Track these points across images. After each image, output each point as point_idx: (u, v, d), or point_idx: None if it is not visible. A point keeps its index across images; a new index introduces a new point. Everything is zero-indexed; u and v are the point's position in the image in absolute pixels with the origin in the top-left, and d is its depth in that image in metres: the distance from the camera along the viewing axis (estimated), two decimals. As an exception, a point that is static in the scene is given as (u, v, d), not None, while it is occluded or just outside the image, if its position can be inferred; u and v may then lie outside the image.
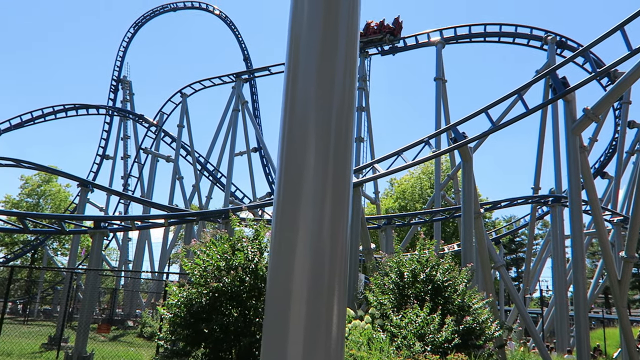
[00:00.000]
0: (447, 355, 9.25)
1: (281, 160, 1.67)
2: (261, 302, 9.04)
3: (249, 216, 10.51)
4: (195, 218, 22.01)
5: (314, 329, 1.55)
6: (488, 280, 18.71)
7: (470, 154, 18.14)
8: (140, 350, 17.53)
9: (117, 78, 46.58)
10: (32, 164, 30.53)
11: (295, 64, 1.70)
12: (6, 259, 45.50)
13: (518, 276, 54.37)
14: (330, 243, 1.60)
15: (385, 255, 13.75)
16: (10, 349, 16.96)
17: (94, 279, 17.46)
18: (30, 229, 20.29)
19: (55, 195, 54.14)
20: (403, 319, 10.16)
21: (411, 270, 11.79)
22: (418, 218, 28.74)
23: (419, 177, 49.24)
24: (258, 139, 40.47)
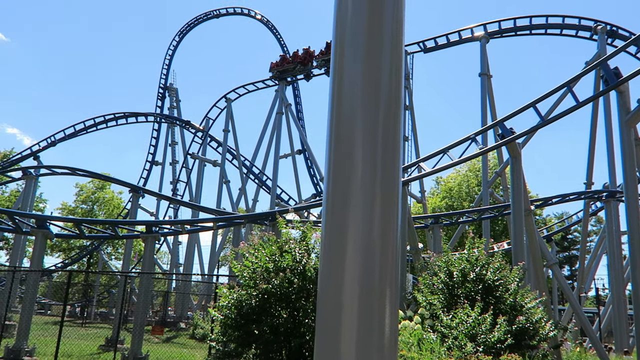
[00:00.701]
0: (500, 355, 9.07)
1: (329, 161, 1.68)
2: (310, 303, 9.08)
3: (295, 218, 10.59)
4: (242, 221, 22.32)
5: (367, 329, 1.55)
6: (540, 279, 18.23)
7: (518, 150, 17.72)
8: (193, 352, 17.89)
9: (164, 86, 47.75)
10: (87, 172, 31.62)
11: (341, 65, 1.70)
12: (64, 264, 47.27)
13: (572, 274, 52.71)
14: (381, 243, 1.60)
15: (433, 255, 13.59)
16: (70, 350, 17.61)
17: (147, 282, 17.93)
18: (85, 235, 21.02)
19: (109, 201, 55.92)
20: (453, 319, 10.02)
21: (460, 269, 11.61)
22: (466, 216, 28.27)
23: (465, 174, 48.42)
24: (302, 141, 40.67)
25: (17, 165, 36.95)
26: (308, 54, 37.97)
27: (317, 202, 27.64)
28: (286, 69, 38.40)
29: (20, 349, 15.76)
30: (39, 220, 18.05)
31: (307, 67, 37.85)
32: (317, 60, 37.87)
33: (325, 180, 1.70)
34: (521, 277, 12.32)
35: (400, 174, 1.70)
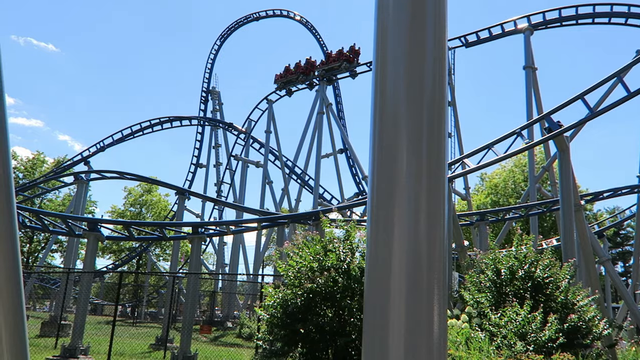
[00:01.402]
0: (551, 355, 8.84)
1: (373, 159, 1.67)
2: (355, 302, 9.07)
3: (339, 217, 10.60)
4: (286, 221, 22.49)
5: (415, 328, 1.54)
6: (593, 276, 17.67)
7: (566, 144, 17.23)
8: (241, 351, 18.14)
9: (206, 89, 48.58)
10: (134, 176, 32.48)
11: (383, 62, 1.69)
12: (115, 265, 48.71)
13: (625, 271, 50.89)
14: (427, 241, 1.58)
15: (479, 253, 13.36)
16: (122, 349, 18.12)
17: (194, 282, 18.28)
18: (135, 237, 21.60)
19: (156, 204, 57.31)
20: (502, 318, 9.83)
21: (508, 267, 11.38)
22: (512, 213, 27.66)
23: (511, 170, 47.37)
24: (344, 140, 40.65)
25: (69, 171, 38.27)
26: (309, 64, 39.53)
27: (360, 201, 27.57)
28: (289, 79, 39.96)
29: (76, 347, 16.32)
30: (91, 223, 18.65)
31: (309, 76, 39.34)
32: (318, 70, 39.20)
33: (369, 178, 1.69)
34: (572, 275, 11.98)
35: (446, 170, 1.68)
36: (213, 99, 49.26)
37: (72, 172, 34.26)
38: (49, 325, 23.78)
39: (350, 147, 39.96)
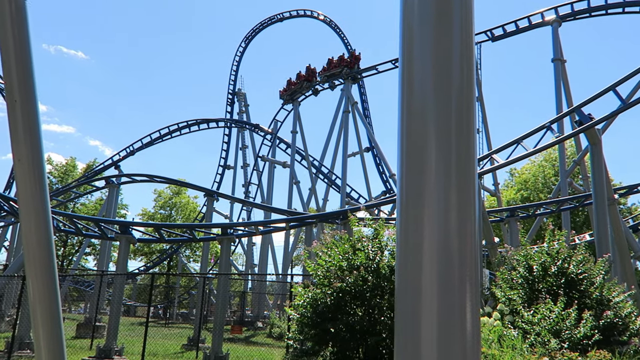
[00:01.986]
0: (587, 352, 8.67)
1: (402, 157, 1.66)
2: (385, 301, 9.04)
3: (367, 216, 10.57)
4: (314, 220, 22.53)
5: (448, 326, 1.52)
6: (628, 271, 17.27)
7: (598, 137, 16.87)
8: (271, 350, 18.24)
9: (232, 91, 48.98)
10: (163, 178, 32.92)
11: (410, 59, 1.68)
12: (146, 267, 49.46)
13: (663, 266, 49.53)
14: (458, 238, 1.56)
15: (510, 249, 13.18)
16: (155, 349, 18.40)
17: (224, 283, 18.44)
18: (165, 239, 21.90)
19: (185, 206, 57.99)
20: (535, 315, 9.68)
21: (541, 263, 11.21)
22: (543, 208, 27.19)
23: (541, 165, 46.56)
24: (370, 139, 40.52)
25: (100, 175, 39.03)
26: (310, 71, 40.33)
27: (388, 199, 27.46)
28: (294, 90, 40.56)
29: (111, 348, 16.63)
30: (123, 226, 18.97)
31: (312, 82, 40.13)
32: (321, 76, 39.99)
33: (398, 176, 1.68)
34: (607, 270, 11.74)
35: (476, 165, 1.66)
36: (239, 100, 49.63)
37: (103, 177, 34.90)
38: (84, 327, 24.27)
39: (377, 145, 39.82)
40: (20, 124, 3.88)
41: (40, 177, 4.12)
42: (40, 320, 4.30)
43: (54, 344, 4.35)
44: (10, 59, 3.69)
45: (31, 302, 4.45)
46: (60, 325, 4.50)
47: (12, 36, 3.63)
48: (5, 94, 4.06)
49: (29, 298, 4.45)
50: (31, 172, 4.08)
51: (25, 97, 3.82)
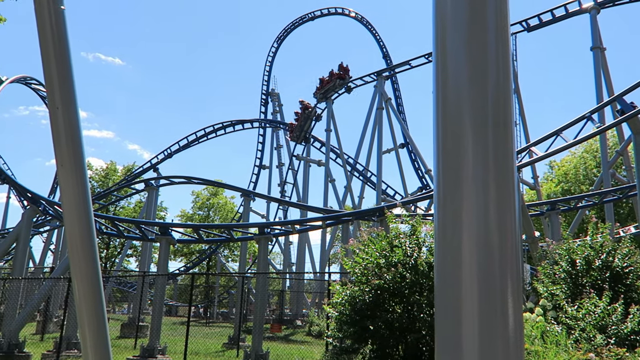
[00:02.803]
0: (635, 348, 8.41)
1: (438, 152, 1.64)
2: (424, 298, 8.97)
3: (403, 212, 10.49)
4: (350, 218, 22.47)
5: (490, 323, 1.50)
6: (677, 264, 16.67)
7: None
8: (311, 348, 18.31)
9: (266, 92, 49.30)
10: (201, 180, 33.39)
11: (443, 52, 1.66)
12: (186, 267, 50.29)
13: None
14: (499, 233, 1.53)
15: (552, 243, 12.88)
16: (197, 348, 18.69)
17: (263, 282, 18.60)
18: (204, 239, 22.22)
19: (223, 206, 58.72)
20: (579, 310, 9.44)
21: (584, 257, 10.93)
22: (585, 201, 26.49)
23: (581, 156, 45.34)
24: (404, 135, 40.22)
25: (139, 178, 39.82)
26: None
27: (424, 195, 27.20)
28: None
29: (154, 347, 16.97)
30: (162, 227, 19.32)
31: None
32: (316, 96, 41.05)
33: (434, 171, 1.66)
34: (654, 263, 11.36)
35: (514, 157, 1.63)
36: (273, 100, 49.93)
37: (142, 179, 35.59)
38: (128, 327, 24.85)
39: (412, 141, 39.50)
40: (62, 130, 3.99)
41: (82, 181, 4.24)
42: (86, 320, 4.42)
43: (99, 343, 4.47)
44: (51, 68, 3.80)
45: (77, 304, 4.58)
46: (105, 326, 4.62)
47: (52, 45, 3.73)
48: (48, 102, 4.18)
49: (75, 299, 4.58)
50: (74, 177, 4.19)
51: (67, 104, 3.92)
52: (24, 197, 23.78)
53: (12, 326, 16.75)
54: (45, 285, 19.50)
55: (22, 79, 32.80)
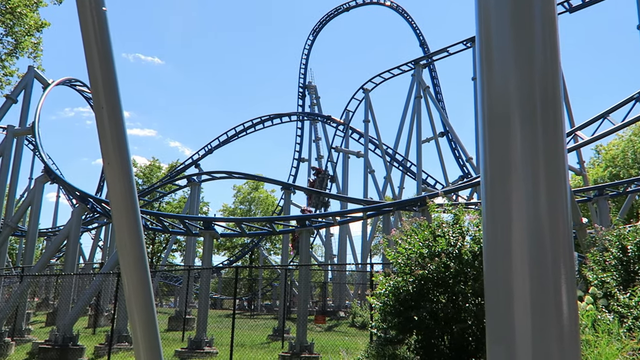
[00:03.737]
0: (691, 336, 8.09)
1: (484, 138, 1.60)
2: (469, 287, 8.85)
3: (445, 201, 10.36)
4: (391, 208, 22.34)
5: (542, 312, 1.46)
6: None
7: (695, 105, 15.65)
8: (355, 339, 18.36)
9: (303, 85, 49.39)
10: (242, 174, 33.76)
11: (488, 34, 1.61)
12: (229, 261, 51.06)
13: None
14: (549, 220, 1.49)
15: (601, 229, 12.52)
16: (243, 340, 18.99)
17: (305, 274, 18.72)
18: (246, 233, 22.50)
19: (263, 200, 59.31)
20: (632, 298, 9.14)
21: (636, 243, 10.57)
22: (635, 185, 25.61)
23: (630, 139, 43.79)
24: (444, 123, 39.66)
25: (182, 174, 40.59)
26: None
27: (466, 184, 26.81)
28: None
29: (201, 339, 17.33)
30: (206, 222, 19.65)
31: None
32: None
33: (481, 156, 1.62)
34: None
35: (564, 140, 1.58)
36: (310, 93, 49.99)
37: (184, 175, 36.27)
38: (175, 320, 25.43)
39: (452, 130, 38.92)
40: (107, 129, 4.10)
41: (128, 178, 4.34)
42: (136, 314, 4.53)
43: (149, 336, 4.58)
44: (95, 68, 3.90)
45: (127, 298, 4.71)
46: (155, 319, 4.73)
47: (95, 46, 3.82)
48: (93, 102, 4.29)
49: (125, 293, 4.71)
50: (120, 175, 4.30)
51: (111, 104, 4.02)
52: (73, 196, 24.57)
53: (66, 320, 17.38)
54: (96, 280, 20.14)
55: (68, 81, 33.77)
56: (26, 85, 26.33)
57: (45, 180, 24.35)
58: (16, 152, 25.96)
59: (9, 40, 18.75)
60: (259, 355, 16.84)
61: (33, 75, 26.76)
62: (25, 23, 18.22)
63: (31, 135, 27.43)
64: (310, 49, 49.60)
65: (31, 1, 17.99)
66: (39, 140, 26.89)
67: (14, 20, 17.96)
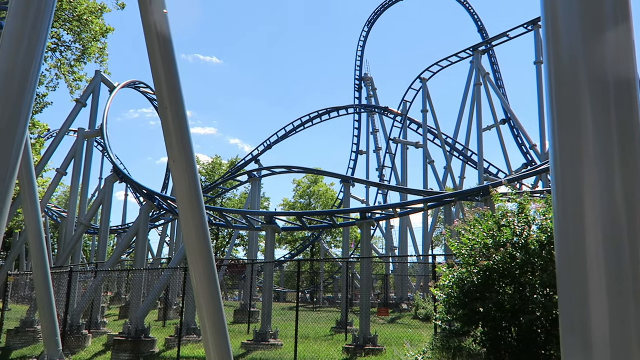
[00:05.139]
0: None
1: (553, 124, 1.54)
2: (537, 278, 8.59)
3: (509, 190, 10.10)
4: (453, 199, 21.95)
5: (621, 303, 1.40)
6: None
7: None
8: (419, 332, 18.20)
9: (359, 77, 49.18)
10: (301, 168, 34.04)
11: (554, 15, 1.55)
12: (291, 254, 51.70)
13: None
14: (626, 208, 1.42)
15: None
16: (307, 332, 19.21)
17: (367, 266, 18.70)
18: (307, 226, 22.70)
19: (323, 193, 59.60)
20: None
21: None
22: None
23: None
24: (505, 110, 38.54)
25: (242, 170, 41.35)
26: None
27: (531, 172, 25.97)
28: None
29: (266, 332, 17.66)
30: (267, 217, 19.96)
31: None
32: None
33: (550, 142, 1.57)
34: None
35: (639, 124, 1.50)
36: (366, 85, 49.73)
37: (245, 171, 36.90)
38: (240, 313, 26.02)
39: (514, 116, 37.77)
40: (172, 128, 4.23)
41: (193, 176, 4.47)
42: (204, 307, 4.67)
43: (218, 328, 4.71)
44: (159, 69, 4.03)
45: (195, 291, 4.86)
46: (222, 311, 4.86)
47: (158, 48, 3.95)
48: (158, 103, 4.43)
49: (193, 287, 4.85)
50: (185, 172, 4.43)
51: (175, 104, 4.15)
52: (140, 194, 25.50)
53: (138, 314, 18.11)
54: (164, 275, 20.86)
55: (132, 83, 35.05)
56: (94, 89, 27.49)
57: (115, 179, 25.38)
58: (87, 154, 27.17)
59: (77, 46, 19.64)
60: (323, 348, 16.99)
61: (100, 79, 27.89)
62: (92, 29, 19.02)
63: (100, 137, 28.64)
64: (366, 41, 49.31)
65: (96, 8, 18.75)
66: (108, 141, 28.06)
67: (81, 27, 18.78)
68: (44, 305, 11.84)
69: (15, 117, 3.27)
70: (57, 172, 27.37)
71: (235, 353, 16.94)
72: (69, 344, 18.28)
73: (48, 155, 26.70)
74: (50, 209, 39.72)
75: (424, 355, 10.14)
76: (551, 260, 8.34)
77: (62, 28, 19.10)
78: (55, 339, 11.97)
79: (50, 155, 26.88)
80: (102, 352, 18.30)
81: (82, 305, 21.18)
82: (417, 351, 10.84)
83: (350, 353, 15.87)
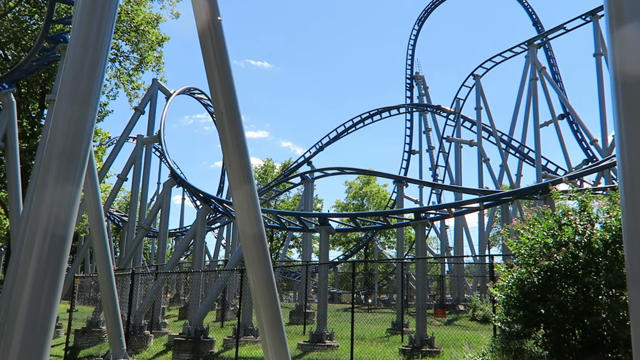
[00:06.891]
0: None
1: (619, 119, 1.49)
2: (601, 278, 8.27)
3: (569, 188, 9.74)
4: (510, 197, 21.41)
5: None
6: None
7: None
8: (477, 333, 17.85)
9: (410, 76, 48.72)
10: (353, 169, 34.00)
11: (618, 4, 1.50)
12: (345, 256, 51.71)
13: None
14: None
15: None
16: (362, 333, 19.17)
17: (422, 267, 18.48)
18: (361, 227, 22.66)
19: (376, 194, 59.39)
20: None
21: None
22: None
23: None
24: (564, 105, 37.28)
25: (295, 172, 41.69)
26: None
27: (592, 168, 25.04)
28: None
29: (322, 333, 17.73)
30: (321, 218, 20.05)
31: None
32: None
33: (616, 138, 1.52)
34: None
35: None
36: (418, 84, 49.22)
37: (298, 173, 37.18)
38: (296, 314, 26.23)
39: (573, 111, 36.50)
40: (227, 133, 4.32)
41: (249, 179, 4.55)
42: (261, 307, 4.74)
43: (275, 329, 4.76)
44: (214, 77, 4.13)
45: (253, 292, 4.94)
46: (279, 312, 4.92)
47: (213, 54, 4.05)
48: (214, 109, 4.54)
49: (250, 288, 4.93)
50: (241, 175, 4.51)
51: (230, 109, 4.24)
52: (197, 198, 26.13)
53: (196, 315, 18.55)
54: (221, 277, 21.29)
55: (187, 90, 35.95)
56: (151, 97, 28.35)
57: (172, 184, 26.10)
58: (146, 159, 28.08)
59: (134, 56, 20.36)
60: (379, 349, 16.91)
61: (157, 87, 28.74)
62: (148, 39, 19.67)
63: (158, 142, 29.52)
64: (416, 39, 48.81)
65: (152, 18, 19.37)
66: (165, 147, 28.89)
67: (138, 37, 19.46)
68: (108, 306, 12.33)
69: (81, 125, 3.42)
70: (118, 178, 28.38)
71: (291, 354, 17.08)
72: (132, 343, 18.91)
73: (109, 161, 27.76)
74: (112, 213, 41.20)
75: (484, 357, 9.93)
76: (617, 259, 8.01)
77: (120, 39, 19.83)
78: (120, 339, 12.43)
79: (111, 162, 27.93)
80: (164, 352, 18.86)
81: (144, 307, 21.87)
82: (475, 353, 10.63)
83: (406, 355, 15.73)
